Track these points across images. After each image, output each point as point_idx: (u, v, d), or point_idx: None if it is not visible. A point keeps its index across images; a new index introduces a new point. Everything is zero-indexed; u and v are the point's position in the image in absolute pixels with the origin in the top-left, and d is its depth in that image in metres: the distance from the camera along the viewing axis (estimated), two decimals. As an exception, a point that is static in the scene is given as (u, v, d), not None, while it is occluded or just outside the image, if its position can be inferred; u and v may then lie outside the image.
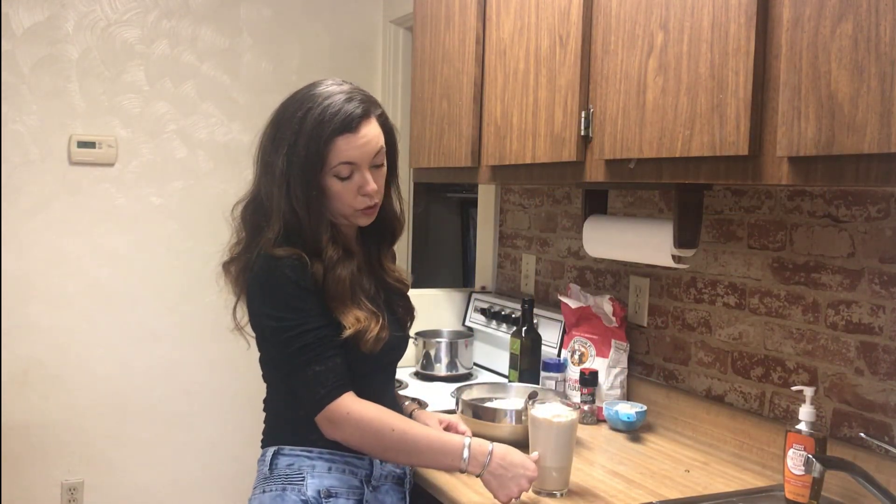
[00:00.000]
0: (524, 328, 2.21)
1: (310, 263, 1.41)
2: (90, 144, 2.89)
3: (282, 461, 1.46)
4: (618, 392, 2.04)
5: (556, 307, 2.27)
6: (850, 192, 1.56)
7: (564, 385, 2.08)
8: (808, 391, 1.46)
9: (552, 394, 1.94)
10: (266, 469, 1.47)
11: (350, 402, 1.39)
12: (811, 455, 1.36)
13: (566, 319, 2.16)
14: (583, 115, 1.66)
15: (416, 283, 1.80)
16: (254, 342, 1.50)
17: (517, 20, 1.89)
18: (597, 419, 1.99)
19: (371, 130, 1.46)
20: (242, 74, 3.12)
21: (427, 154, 2.33)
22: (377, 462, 1.49)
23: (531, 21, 1.83)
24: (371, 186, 1.46)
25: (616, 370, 2.03)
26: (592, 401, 1.99)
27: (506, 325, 2.46)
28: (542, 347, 2.22)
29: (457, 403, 1.87)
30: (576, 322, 2.12)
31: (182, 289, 3.05)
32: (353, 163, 1.44)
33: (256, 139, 1.52)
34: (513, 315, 2.44)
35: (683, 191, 1.66)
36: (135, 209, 2.99)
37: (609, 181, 1.63)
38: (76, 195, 2.90)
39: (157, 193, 3.02)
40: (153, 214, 3.02)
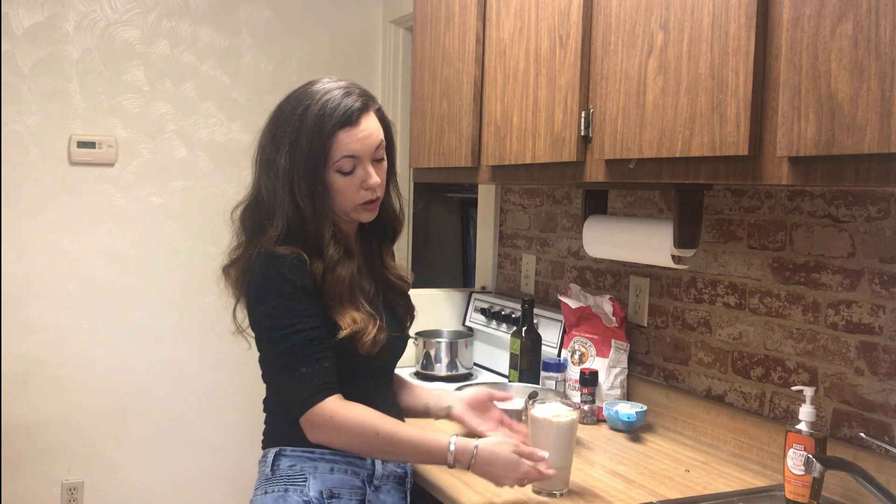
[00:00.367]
0: (524, 328, 2.21)
1: (310, 262, 1.41)
2: (90, 144, 2.89)
3: (283, 462, 1.46)
4: (618, 392, 2.04)
5: (556, 307, 2.27)
6: (850, 192, 1.56)
7: (564, 385, 2.08)
8: (808, 391, 1.46)
9: (552, 394, 1.94)
10: (268, 470, 1.47)
11: (334, 405, 1.38)
12: (811, 455, 1.36)
13: (566, 319, 2.16)
14: (583, 115, 1.66)
15: (416, 283, 1.79)
16: (254, 342, 1.50)
17: (517, 20, 1.89)
18: (597, 419, 1.99)
19: (371, 123, 1.47)
20: (242, 74, 3.12)
21: (427, 154, 2.33)
22: (379, 462, 1.49)
23: (531, 21, 1.83)
24: (374, 180, 1.46)
25: (616, 370, 2.03)
26: (592, 401, 1.99)
27: (506, 325, 2.46)
28: (542, 347, 2.22)
29: (457, 403, 1.87)
30: (576, 322, 2.12)
31: (182, 289, 3.05)
32: (356, 156, 1.44)
33: (255, 141, 1.52)
34: (513, 315, 2.44)
35: (683, 191, 1.66)
36: (135, 209, 2.99)
37: (609, 181, 1.63)
38: (76, 195, 2.90)
39: (157, 193, 3.02)
40: (153, 214, 3.02)
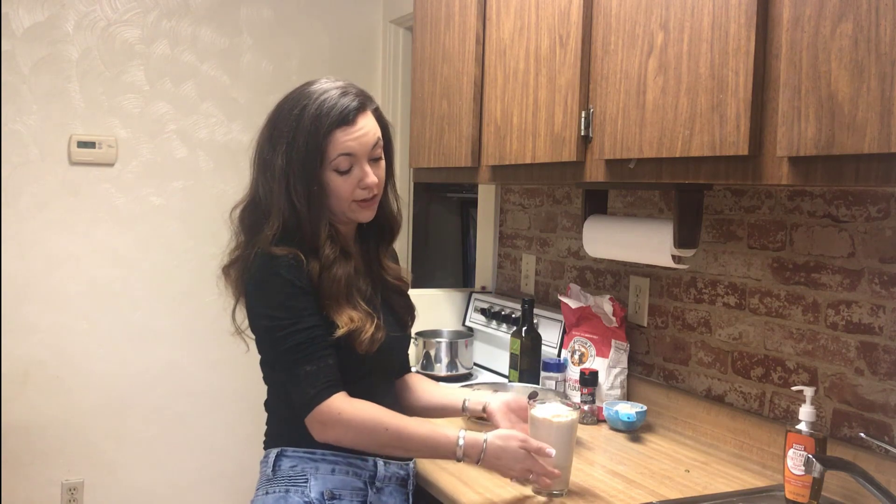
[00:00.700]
0: (524, 328, 2.21)
1: (306, 262, 1.41)
2: (90, 144, 2.89)
3: (285, 463, 1.46)
4: (618, 392, 2.04)
5: (556, 307, 2.27)
6: (850, 192, 1.56)
7: (564, 385, 2.08)
8: (808, 391, 1.46)
9: (552, 394, 1.94)
10: (269, 471, 1.47)
11: (341, 403, 1.39)
12: (811, 455, 1.36)
13: (566, 319, 2.16)
14: (583, 115, 1.66)
15: (416, 283, 1.80)
16: (253, 344, 1.50)
17: (517, 20, 1.89)
18: (597, 419, 1.99)
19: (368, 123, 1.47)
20: (242, 74, 3.12)
21: (427, 154, 2.33)
22: (381, 463, 1.49)
23: (531, 21, 1.83)
24: (371, 179, 1.46)
25: (616, 370, 2.03)
26: (592, 401, 1.99)
27: (506, 325, 2.46)
28: (542, 347, 2.22)
29: (457, 403, 1.87)
30: (576, 322, 2.12)
31: (182, 289, 3.05)
32: (352, 154, 1.44)
33: (253, 141, 1.52)
34: (513, 315, 2.44)
35: (683, 191, 1.66)
36: (135, 209, 2.99)
37: (609, 181, 1.63)
38: (76, 195, 2.90)
39: (158, 193, 3.02)
40: (153, 214, 3.02)
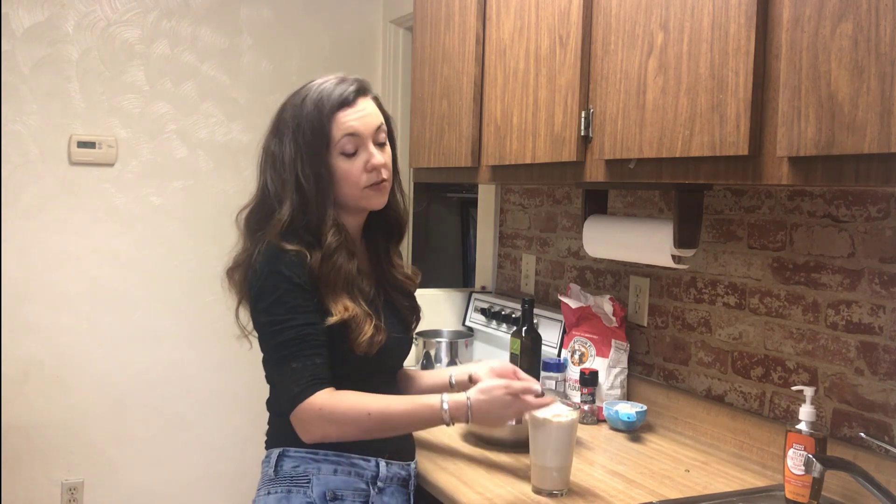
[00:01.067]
0: (524, 328, 2.21)
1: (309, 256, 1.42)
2: (90, 144, 2.89)
3: (287, 463, 1.46)
4: (618, 392, 2.04)
5: (556, 307, 2.27)
6: (850, 192, 1.56)
7: (564, 385, 2.08)
8: (808, 391, 1.46)
9: (552, 394, 1.94)
10: (271, 471, 1.47)
11: (323, 398, 1.37)
12: (811, 455, 1.36)
13: (566, 319, 2.16)
14: (583, 115, 1.66)
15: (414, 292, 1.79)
16: (256, 342, 1.50)
17: (517, 20, 1.89)
18: (597, 419, 1.99)
19: (369, 105, 1.50)
20: (242, 74, 3.12)
21: (427, 154, 2.33)
22: (383, 463, 1.49)
23: (531, 21, 1.83)
24: (377, 159, 1.48)
25: (616, 370, 2.03)
26: (592, 401, 1.99)
27: (506, 325, 2.46)
28: (542, 347, 2.22)
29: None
30: (576, 322, 2.12)
31: (182, 289, 3.05)
32: (356, 134, 1.46)
33: (258, 145, 1.53)
34: (513, 315, 2.44)
35: (683, 191, 1.66)
36: (135, 209, 2.99)
37: (609, 181, 1.63)
38: (76, 195, 2.90)
39: (158, 193, 3.02)
40: (153, 214, 3.02)
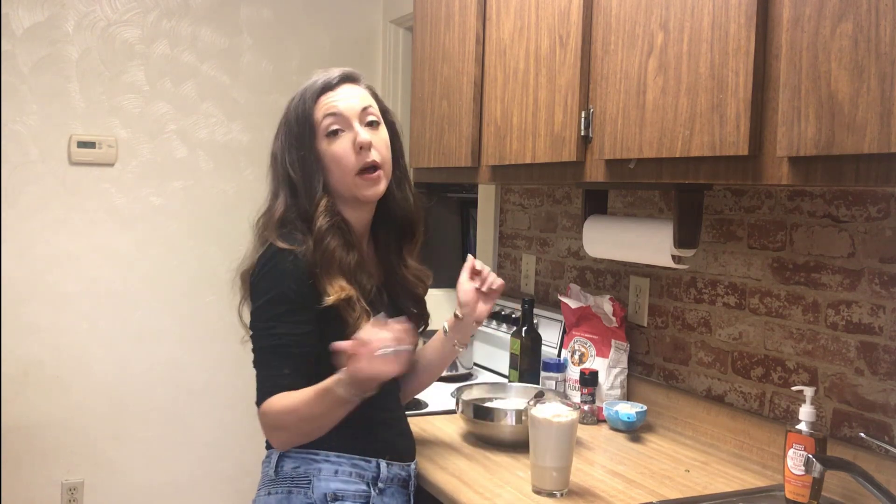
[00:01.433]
0: (524, 328, 2.21)
1: (303, 254, 1.41)
2: (90, 144, 2.89)
3: (287, 464, 1.45)
4: (618, 392, 2.04)
5: (556, 307, 2.27)
6: (850, 192, 1.56)
7: (564, 385, 2.08)
8: (808, 391, 1.46)
9: (552, 394, 1.94)
10: (271, 471, 1.46)
11: (267, 403, 1.38)
12: (811, 455, 1.36)
13: (566, 319, 2.16)
14: (583, 115, 1.66)
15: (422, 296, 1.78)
16: None
17: (517, 20, 1.89)
18: (597, 419, 1.99)
19: (355, 89, 1.50)
20: (242, 74, 3.12)
21: (427, 154, 2.33)
22: (384, 464, 1.48)
23: (531, 21, 1.83)
24: (363, 137, 1.46)
25: (616, 370, 2.03)
26: (592, 401, 1.99)
27: (506, 325, 2.46)
28: (542, 347, 2.22)
29: (457, 403, 1.87)
30: (576, 322, 2.12)
31: (182, 289, 3.05)
32: (338, 114, 1.46)
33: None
34: (513, 315, 2.44)
35: (683, 191, 1.66)
36: (135, 209, 2.99)
37: (609, 181, 1.63)
38: (76, 195, 2.90)
39: (158, 193, 3.02)
40: (153, 214, 3.02)
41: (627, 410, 1.90)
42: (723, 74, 1.30)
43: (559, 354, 2.20)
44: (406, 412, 1.67)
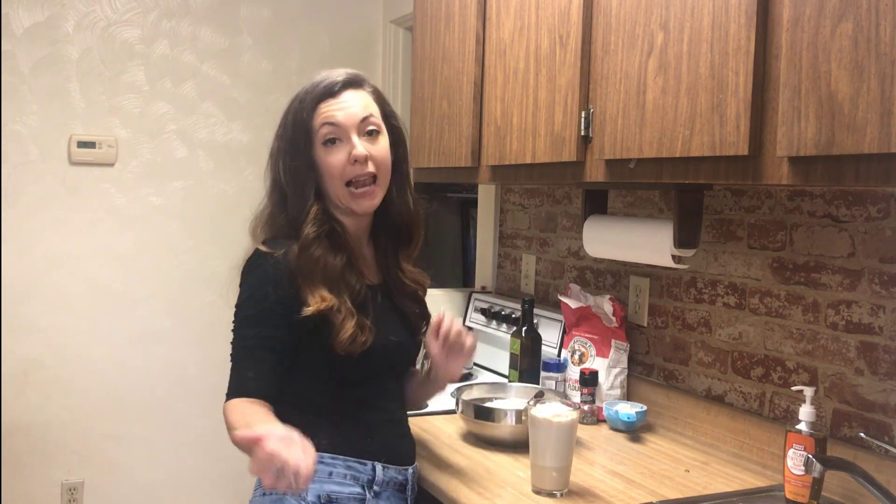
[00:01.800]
0: (524, 328, 2.21)
1: (284, 259, 1.40)
2: (90, 144, 2.89)
3: None
4: (618, 392, 2.04)
5: (556, 307, 2.27)
6: (850, 192, 1.56)
7: (564, 385, 2.08)
8: (808, 391, 1.46)
9: (552, 394, 1.94)
10: None
11: (227, 405, 1.35)
12: (811, 455, 1.36)
13: (566, 319, 2.16)
14: (583, 115, 1.66)
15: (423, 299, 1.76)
16: None
17: (517, 20, 1.89)
18: (597, 419, 1.99)
19: (356, 97, 1.47)
20: (242, 74, 3.12)
21: (427, 154, 2.33)
22: (379, 467, 1.46)
23: (531, 21, 1.83)
24: (359, 150, 1.43)
25: (616, 370, 2.03)
26: (592, 401, 1.99)
27: (506, 325, 2.46)
28: (542, 347, 2.22)
29: (457, 403, 1.87)
30: (576, 322, 2.12)
31: (182, 289, 3.05)
32: (336, 125, 1.44)
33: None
34: (513, 315, 2.44)
35: (683, 191, 1.66)
36: (135, 209, 2.99)
37: (609, 181, 1.63)
38: (76, 195, 2.90)
39: (158, 193, 3.02)
40: (153, 214, 3.02)
41: (627, 410, 1.90)
42: (723, 74, 1.30)
43: (559, 354, 2.20)
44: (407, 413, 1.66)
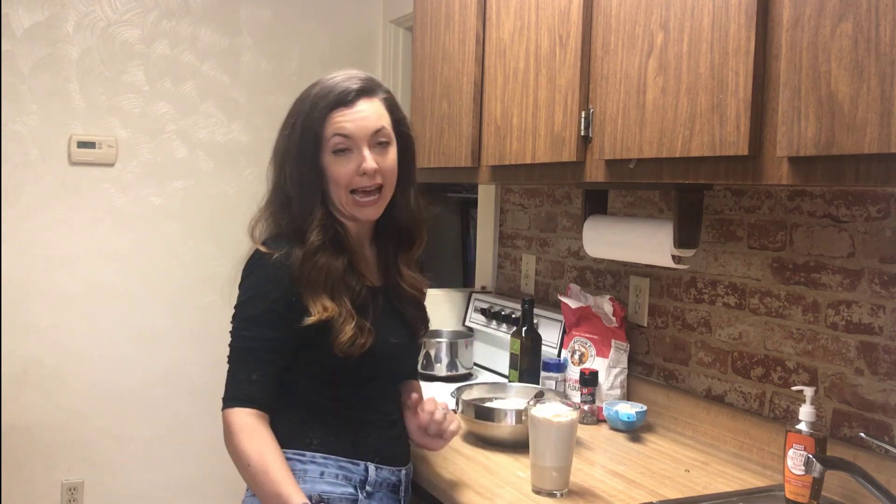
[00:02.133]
0: (524, 328, 2.21)
1: (290, 262, 1.39)
2: (90, 144, 2.89)
3: None
4: (618, 392, 2.04)
5: (556, 307, 2.27)
6: (850, 192, 1.56)
7: (564, 385, 2.08)
8: (808, 391, 1.46)
9: (552, 394, 1.94)
10: None
11: (235, 421, 1.35)
12: (811, 455, 1.36)
13: (566, 319, 2.16)
14: (583, 115, 1.66)
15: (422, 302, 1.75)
16: None
17: (517, 20, 1.89)
18: (597, 419, 1.99)
19: (370, 107, 1.45)
20: (242, 74, 3.12)
21: (427, 154, 2.33)
22: (372, 467, 1.45)
23: (531, 21, 1.83)
24: (369, 163, 1.42)
25: (616, 370, 2.03)
26: (592, 401, 1.99)
27: (506, 325, 2.46)
28: (542, 347, 2.22)
29: (457, 403, 1.87)
30: (576, 322, 2.12)
31: (182, 289, 3.05)
32: (348, 136, 1.42)
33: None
34: (513, 315, 2.43)
35: (683, 191, 1.66)
36: (135, 209, 2.99)
37: (609, 181, 1.63)
38: (76, 195, 2.90)
39: (157, 193, 3.02)
40: (153, 214, 3.02)
41: (627, 410, 1.90)
42: (723, 74, 1.30)
43: (559, 354, 2.20)
44: None
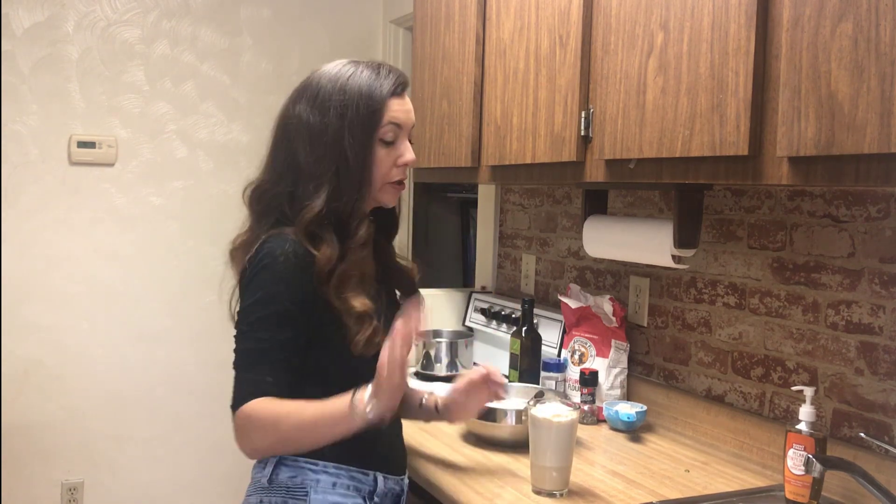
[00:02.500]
0: (524, 328, 2.21)
1: (295, 252, 1.34)
2: (90, 144, 2.89)
3: (283, 472, 1.38)
4: (618, 392, 2.04)
5: (556, 307, 2.27)
6: (850, 192, 1.56)
7: (564, 385, 2.08)
8: (808, 391, 1.46)
9: (552, 394, 1.94)
10: (264, 479, 1.39)
11: (251, 407, 1.30)
12: (811, 455, 1.36)
13: (566, 319, 2.16)
14: (583, 115, 1.66)
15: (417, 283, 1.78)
16: None
17: (517, 20, 1.89)
18: (597, 419, 1.99)
19: (409, 102, 1.49)
20: (242, 74, 3.12)
21: (427, 154, 2.33)
22: (381, 478, 1.43)
23: (531, 21, 1.83)
24: (410, 155, 1.46)
25: (616, 370, 2.03)
26: (592, 401, 1.99)
27: (506, 325, 2.46)
28: (542, 347, 2.22)
29: (457, 403, 1.87)
30: (576, 322, 2.12)
31: (182, 289, 3.05)
32: (400, 126, 1.44)
33: (278, 117, 1.48)
34: (513, 315, 2.43)
35: (683, 191, 1.66)
36: (135, 209, 2.99)
37: (609, 181, 1.63)
38: (76, 195, 2.90)
39: (158, 193, 3.02)
40: (153, 214, 3.02)
41: (627, 410, 1.90)
42: (723, 74, 1.30)
43: (559, 354, 2.20)
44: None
